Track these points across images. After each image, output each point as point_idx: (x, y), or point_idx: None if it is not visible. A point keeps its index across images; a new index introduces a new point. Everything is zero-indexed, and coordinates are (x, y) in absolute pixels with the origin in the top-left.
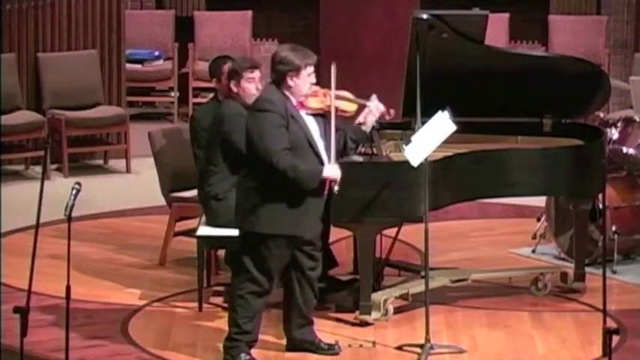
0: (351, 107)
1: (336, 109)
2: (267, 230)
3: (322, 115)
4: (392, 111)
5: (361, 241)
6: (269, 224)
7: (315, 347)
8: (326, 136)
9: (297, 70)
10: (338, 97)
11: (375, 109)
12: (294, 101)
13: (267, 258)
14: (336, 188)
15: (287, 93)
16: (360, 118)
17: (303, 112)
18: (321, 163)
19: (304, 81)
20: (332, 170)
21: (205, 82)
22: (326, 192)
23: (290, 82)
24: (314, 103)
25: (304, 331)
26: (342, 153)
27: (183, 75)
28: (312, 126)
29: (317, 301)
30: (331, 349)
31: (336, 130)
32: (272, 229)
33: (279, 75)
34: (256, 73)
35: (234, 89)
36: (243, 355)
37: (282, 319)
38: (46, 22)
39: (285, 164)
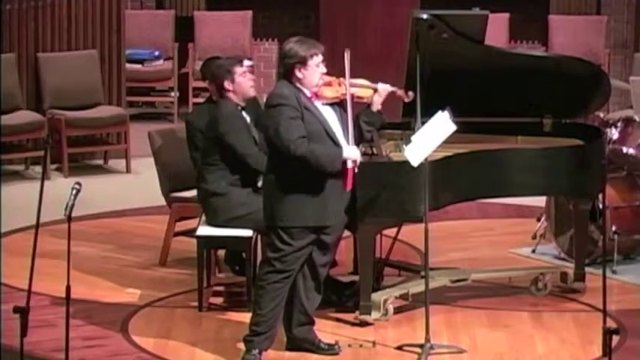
0: (367, 93)
1: (353, 97)
2: (293, 223)
3: (339, 104)
4: (410, 93)
5: (361, 241)
6: (295, 218)
7: (315, 347)
8: (343, 125)
9: (303, 62)
10: (353, 85)
11: (381, 89)
12: (307, 93)
13: (293, 251)
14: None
15: (298, 85)
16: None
17: (318, 103)
18: None
19: (312, 71)
20: (351, 151)
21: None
22: (350, 184)
23: (299, 74)
24: (329, 92)
25: (304, 330)
26: (359, 139)
27: (183, 75)
28: (330, 116)
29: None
30: (331, 349)
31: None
32: (299, 221)
33: (287, 68)
34: (245, 66)
35: (230, 88)
36: (254, 351)
37: (282, 320)
38: (46, 22)
39: (302, 150)
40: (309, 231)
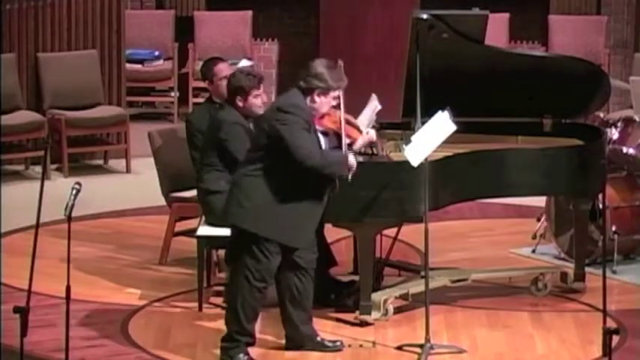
0: (357, 135)
1: (345, 134)
2: (266, 234)
3: (325, 134)
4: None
5: (361, 241)
6: (270, 229)
7: (316, 344)
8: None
9: (327, 90)
10: (349, 123)
11: (365, 134)
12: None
13: (264, 257)
14: (349, 176)
15: (309, 105)
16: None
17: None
18: None
19: (328, 102)
20: (352, 158)
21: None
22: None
23: (316, 98)
24: (329, 123)
25: (307, 327)
26: None
27: (183, 75)
28: (322, 142)
29: (317, 302)
30: (334, 345)
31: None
32: (272, 234)
33: (309, 87)
34: (262, 88)
35: (240, 104)
36: (241, 355)
37: (281, 319)
38: (46, 22)
39: (317, 159)
40: (282, 245)
